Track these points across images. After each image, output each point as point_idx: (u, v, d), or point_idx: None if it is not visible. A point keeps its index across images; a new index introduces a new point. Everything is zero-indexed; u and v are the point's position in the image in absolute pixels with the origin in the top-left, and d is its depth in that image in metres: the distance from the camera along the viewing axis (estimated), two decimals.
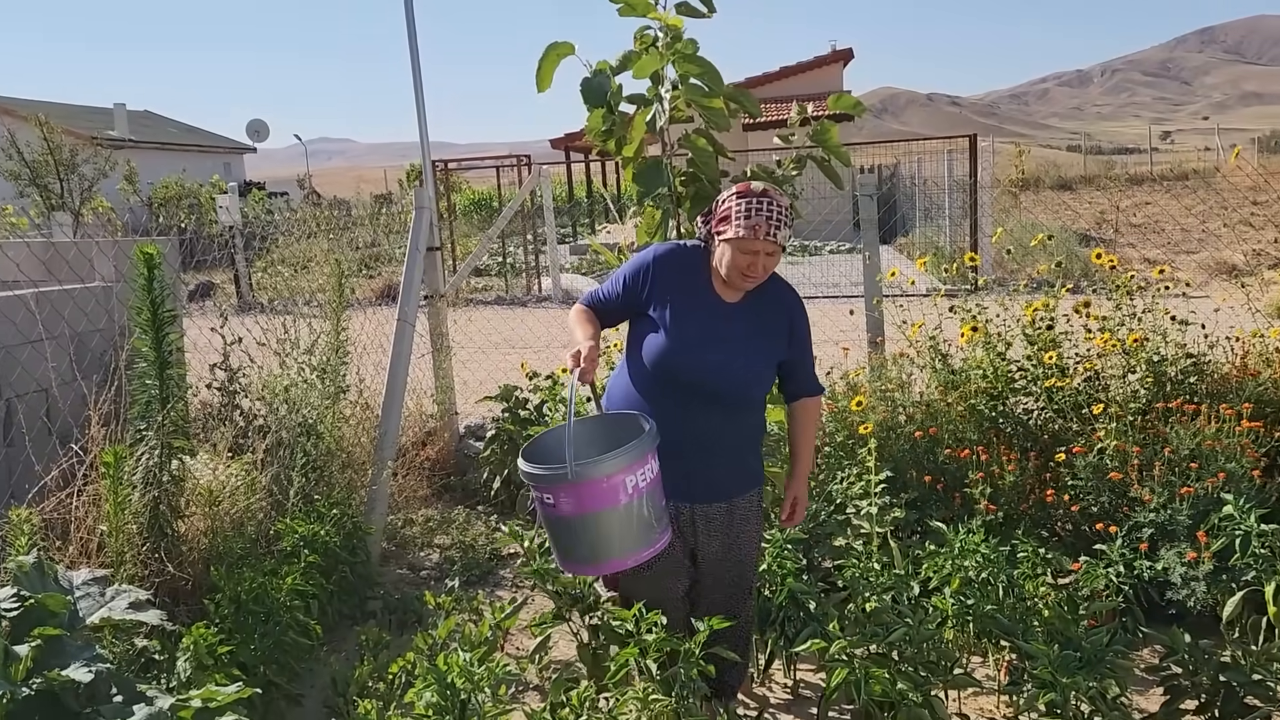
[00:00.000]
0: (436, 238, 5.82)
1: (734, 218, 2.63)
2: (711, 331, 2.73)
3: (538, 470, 2.54)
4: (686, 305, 2.74)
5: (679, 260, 2.79)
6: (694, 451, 2.80)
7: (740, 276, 2.68)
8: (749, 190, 2.68)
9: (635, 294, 2.78)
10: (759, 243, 2.62)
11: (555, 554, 2.73)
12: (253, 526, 3.88)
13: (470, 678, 2.80)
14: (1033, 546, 3.38)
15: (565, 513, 2.55)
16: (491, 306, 12.93)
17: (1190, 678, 2.59)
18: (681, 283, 2.76)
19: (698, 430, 2.78)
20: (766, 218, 2.61)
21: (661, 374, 2.73)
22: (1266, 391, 3.94)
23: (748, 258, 2.64)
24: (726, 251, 2.66)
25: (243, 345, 4.73)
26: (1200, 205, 18.18)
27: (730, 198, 2.68)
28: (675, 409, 2.74)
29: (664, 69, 3.31)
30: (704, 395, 2.74)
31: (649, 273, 2.77)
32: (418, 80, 5.67)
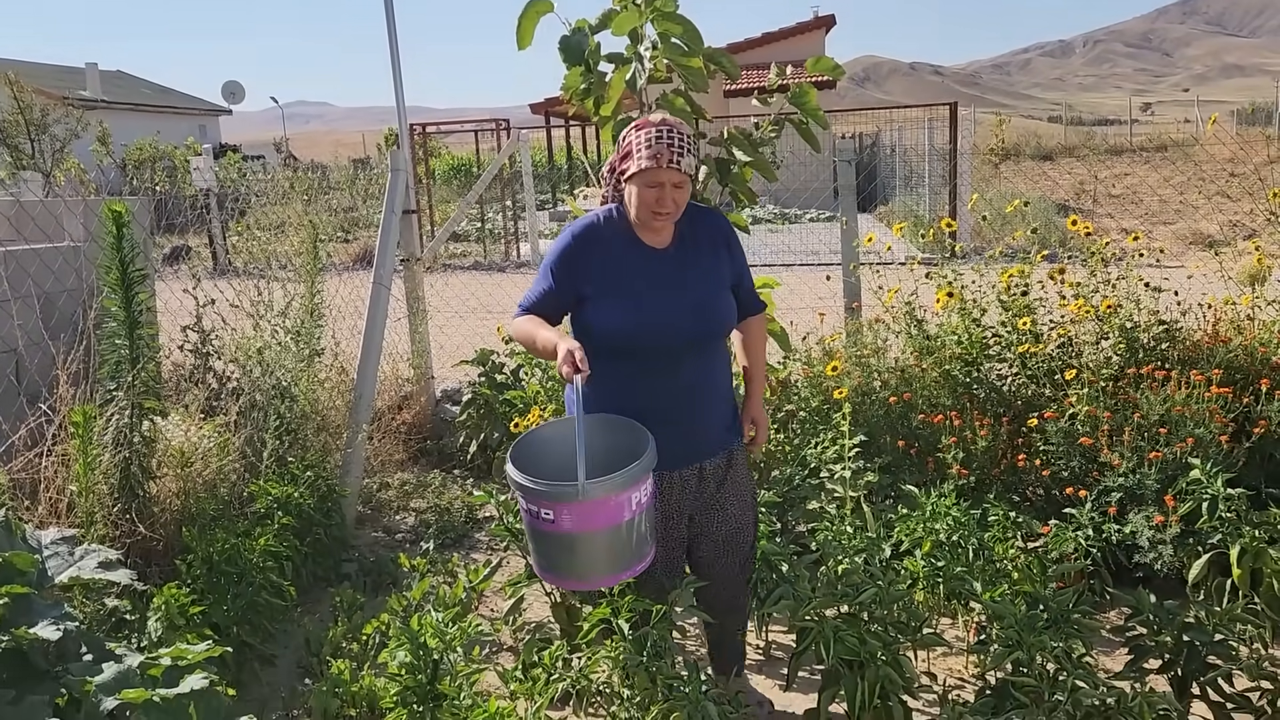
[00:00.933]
0: (413, 201, 5.77)
1: (635, 151, 2.51)
2: (660, 282, 2.61)
3: (538, 486, 2.36)
4: (624, 268, 2.61)
5: (598, 229, 2.64)
6: (685, 410, 2.69)
7: (651, 214, 2.54)
8: (647, 122, 2.55)
9: (569, 280, 2.61)
10: (663, 172, 2.48)
11: (538, 564, 2.55)
12: (225, 488, 3.87)
13: (443, 638, 2.82)
14: (1003, 510, 3.41)
15: (564, 529, 2.38)
16: (469, 272, 12.86)
17: (1154, 638, 2.62)
18: (610, 249, 2.62)
19: (684, 385, 2.66)
20: (668, 144, 2.48)
21: (630, 343, 2.59)
22: (1236, 358, 3.97)
23: (654, 191, 2.50)
24: (634, 190, 2.53)
25: (216, 307, 4.68)
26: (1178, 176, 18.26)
27: (628, 133, 2.56)
28: (656, 374, 2.62)
29: (643, 27, 3.28)
30: (679, 348, 2.63)
31: (572, 253, 2.61)
32: (393, 41, 5.59)
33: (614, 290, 2.58)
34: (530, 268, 14.02)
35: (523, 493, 2.41)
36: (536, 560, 2.55)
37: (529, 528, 2.48)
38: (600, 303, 2.58)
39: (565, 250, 2.62)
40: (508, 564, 4.16)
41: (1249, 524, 3.19)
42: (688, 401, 2.68)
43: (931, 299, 4.51)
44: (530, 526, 2.47)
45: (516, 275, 12.36)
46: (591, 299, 2.59)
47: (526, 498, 2.41)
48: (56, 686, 2.11)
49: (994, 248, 5.02)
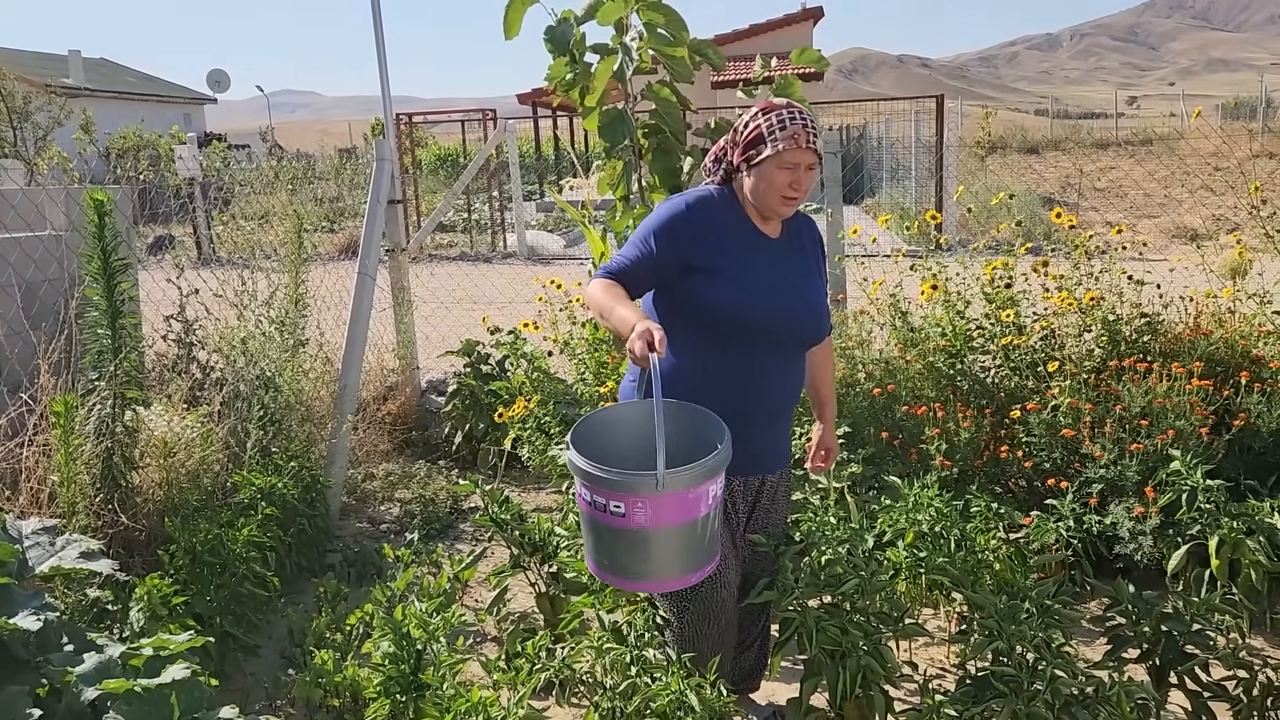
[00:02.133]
0: (398, 191, 5.75)
1: (768, 134, 2.39)
2: (779, 270, 2.49)
3: (610, 475, 2.15)
4: (739, 249, 2.45)
5: (714, 204, 2.49)
6: (768, 412, 2.56)
7: (782, 201, 2.44)
8: (773, 105, 2.44)
9: (677, 249, 2.43)
10: (801, 153, 2.38)
11: (597, 564, 2.34)
12: (209, 479, 3.85)
13: (426, 628, 2.82)
14: (986, 501, 3.43)
15: (636, 524, 2.18)
16: (455, 262, 12.82)
17: (1133, 628, 2.65)
18: (728, 225, 2.47)
19: (776, 386, 2.53)
20: (803, 125, 2.39)
21: (729, 330, 2.43)
22: (1217, 351, 4.00)
23: (789, 174, 2.40)
24: (765, 174, 2.41)
25: (199, 297, 4.66)
26: (1163, 170, 18.34)
27: (755, 117, 2.44)
28: (753, 366, 2.47)
29: (628, 17, 3.28)
30: (787, 343, 2.51)
31: (685, 221, 2.44)
32: (378, 30, 5.57)
33: (732, 267, 2.43)
34: (516, 259, 14.00)
35: (588, 481, 2.20)
36: (596, 560, 2.33)
37: (590, 522, 2.28)
38: (717, 278, 2.42)
39: (676, 217, 2.45)
40: (492, 554, 4.16)
41: (1228, 515, 3.22)
42: (772, 404, 2.56)
43: (916, 291, 4.53)
44: (592, 520, 2.26)
45: (503, 266, 12.35)
46: (704, 272, 2.42)
47: (593, 488, 2.20)
48: (37, 677, 2.10)
49: (979, 240, 5.04)
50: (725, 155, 2.53)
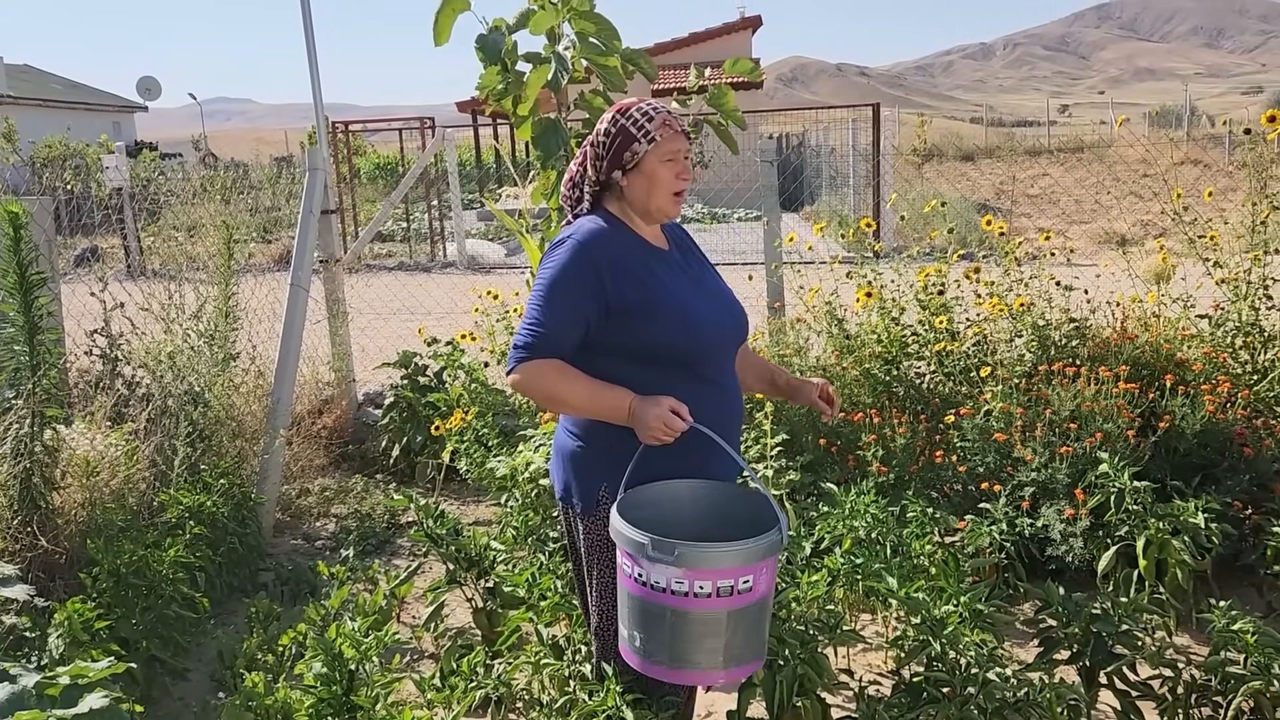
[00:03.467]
0: (332, 201, 5.67)
1: (636, 130, 2.22)
2: (687, 285, 2.32)
3: (747, 547, 1.93)
4: (650, 274, 2.25)
5: (608, 234, 2.25)
6: (732, 419, 2.40)
7: (673, 198, 2.26)
8: (625, 105, 2.29)
9: (593, 300, 2.19)
10: (679, 139, 2.24)
11: (702, 666, 2.02)
12: (134, 498, 3.75)
13: (359, 647, 2.76)
14: (921, 506, 3.46)
15: (760, 593, 1.99)
16: (394, 273, 12.68)
17: (1063, 629, 2.69)
18: (628, 255, 2.25)
19: (730, 398, 2.38)
20: (669, 113, 2.26)
21: (670, 360, 2.24)
22: (1143, 354, 4.09)
23: (674, 164, 2.24)
24: (649, 172, 2.23)
25: (125, 311, 4.54)
26: (1093, 178, 18.79)
27: (614, 123, 2.25)
28: (704, 383, 2.29)
29: (560, 26, 3.26)
30: (715, 357, 2.34)
31: (591, 265, 2.19)
32: (309, 37, 5.48)
33: (653, 295, 2.22)
34: (456, 268, 13.88)
35: (710, 566, 1.92)
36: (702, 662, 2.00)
37: (695, 621, 1.96)
38: (643, 312, 2.20)
39: (578, 260, 2.19)
40: (430, 569, 4.10)
41: (1154, 516, 3.28)
42: (733, 410, 2.40)
43: (853, 298, 4.57)
44: (703, 616, 1.95)
45: (442, 276, 12.24)
46: (627, 310, 2.20)
47: (717, 572, 1.93)
48: None
49: (914, 247, 5.10)
50: (585, 177, 2.33)
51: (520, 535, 3.75)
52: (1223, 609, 2.61)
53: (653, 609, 1.98)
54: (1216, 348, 4.07)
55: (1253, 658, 2.50)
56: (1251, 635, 2.49)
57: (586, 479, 2.30)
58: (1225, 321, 4.16)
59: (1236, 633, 2.52)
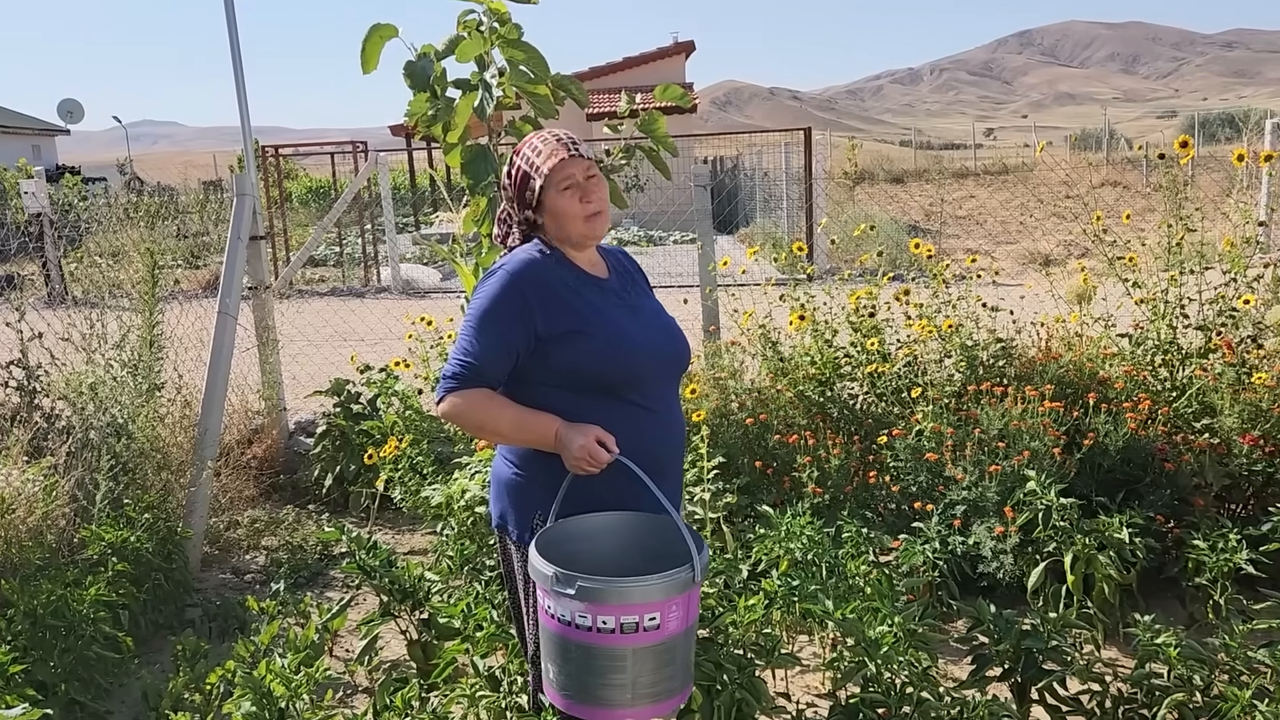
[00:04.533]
0: (261, 226, 5.57)
1: (533, 165, 2.25)
2: (624, 312, 2.31)
3: (649, 583, 1.92)
4: (588, 298, 2.26)
5: (540, 263, 2.26)
6: (674, 456, 2.39)
7: (585, 222, 2.26)
8: (525, 139, 2.34)
9: (524, 325, 2.19)
10: (571, 163, 2.23)
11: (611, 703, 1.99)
12: (53, 535, 3.63)
13: (289, 684, 2.70)
14: (856, 527, 3.49)
15: (671, 631, 1.97)
16: (326, 298, 12.50)
17: (995, 646, 2.72)
18: (564, 282, 2.26)
19: (670, 426, 2.35)
20: (558, 139, 2.27)
21: (605, 388, 2.23)
22: (1067, 373, 4.19)
23: (573, 191, 2.24)
24: (552, 205, 2.25)
25: (43, 341, 4.41)
26: (1017, 199, 19.28)
27: (511, 162, 2.32)
28: (647, 413, 2.28)
29: (489, 53, 3.26)
30: (667, 377, 2.36)
31: (520, 293, 2.20)
32: (236, 60, 5.40)
33: (587, 324, 2.22)
34: (391, 293, 13.73)
35: (611, 602, 1.91)
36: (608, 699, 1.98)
37: (599, 655, 1.94)
38: (575, 340, 2.20)
39: (508, 291, 2.20)
40: (364, 601, 4.03)
41: (1081, 532, 3.36)
42: (673, 438, 2.38)
43: (786, 320, 4.62)
44: (606, 650, 1.94)
45: (375, 301, 12.11)
46: (559, 339, 2.20)
47: (620, 608, 1.91)
48: None
49: (845, 269, 5.18)
50: (510, 216, 2.37)
51: (456, 565, 3.70)
52: (1146, 623, 2.67)
53: (560, 642, 1.99)
54: (1137, 366, 4.19)
55: (1176, 670, 2.56)
56: (1174, 649, 2.56)
57: (522, 507, 2.29)
58: (1145, 340, 4.28)
59: (1160, 646, 2.58)
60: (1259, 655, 2.55)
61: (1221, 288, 4.22)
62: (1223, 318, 4.18)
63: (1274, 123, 9.78)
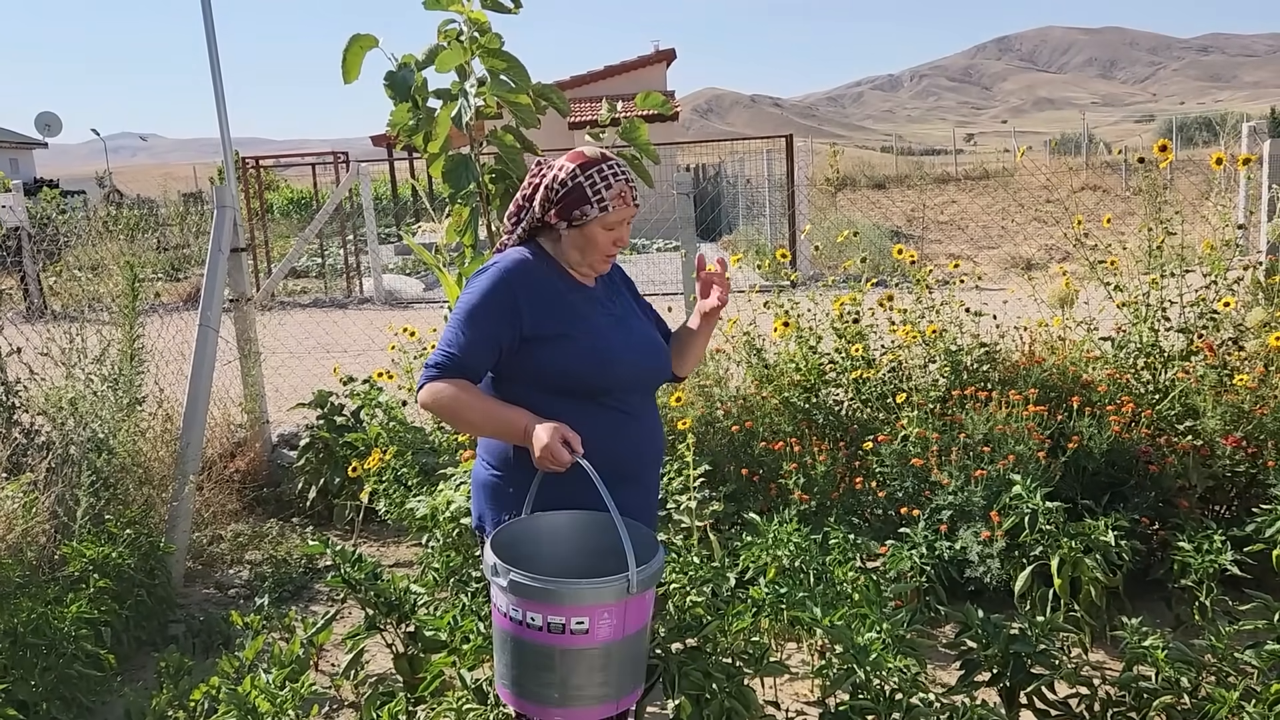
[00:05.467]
0: (242, 238, 5.54)
1: (592, 194, 2.24)
2: (608, 322, 2.35)
3: (573, 587, 1.93)
4: (570, 308, 2.30)
5: (532, 266, 2.30)
6: (649, 462, 2.44)
7: (604, 260, 2.33)
8: (590, 159, 2.28)
9: (509, 323, 2.23)
10: (627, 209, 2.27)
11: (541, 698, 2.03)
12: (33, 552, 3.58)
13: (274, 700, 2.68)
14: (843, 533, 3.49)
15: (602, 639, 1.96)
16: (309, 310, 12.44)
17: (983, 651, 2.72)
18: (549, 288, 2.29)
19: (647, 433, 2.40)
20: (626, 181, 2.27)
21: (585, 393, 2.27)
22: (1050, 377, 4.20)
23: (613, 233, 2.28)
24: (589, 234, 2.27)
25: (22, 356, 4.36)
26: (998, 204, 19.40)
27: (573, 175, 2.26)
28: (608, 429, 2.29)
29: (470, 63, 3.25)
30: (632, 395, 2.35)
31: (510, 291, 2.24)
32: (216, 71, 5.37)
33: (570, 329, 2.26)
34: (373, 304, 13.68)
35: (536, 599, 1.94)
36: (537, 694, 2.01)
37: (532, 649, 1.97)
38: (559, 343, 2.25)
39: (498, 289, 2.24)
40: (349, 614, 4.00)
41: (1067, 535, 3.36)
42: (644, 457, 2.41)
43: (771, 327, 4.62)
44: (535, 647, 1.97)
45: (358, 312, 12.06)
46: (543, 340, 2.25)
47: (545, 606, 1.93)
48: None
49: (829, 276, 5.19)
50: (527, 211, 2.36)
51: (442, 577, 3.68)
52: (1134, 626, 2.68)
53: (499, 633, 2.06)
54: (1120, 369, 4.21)
55: (1164, 672, 2.57)
56: (1162, 651, 2.56)
57: (498, 508, 2.34)
58: (1127, 343, 4.30)
59: (1148, 649, 2.58)
60: (1245, 656, 2.56)
61: (1202, 290, 4.24)
62: (1204, 320, 4.20)
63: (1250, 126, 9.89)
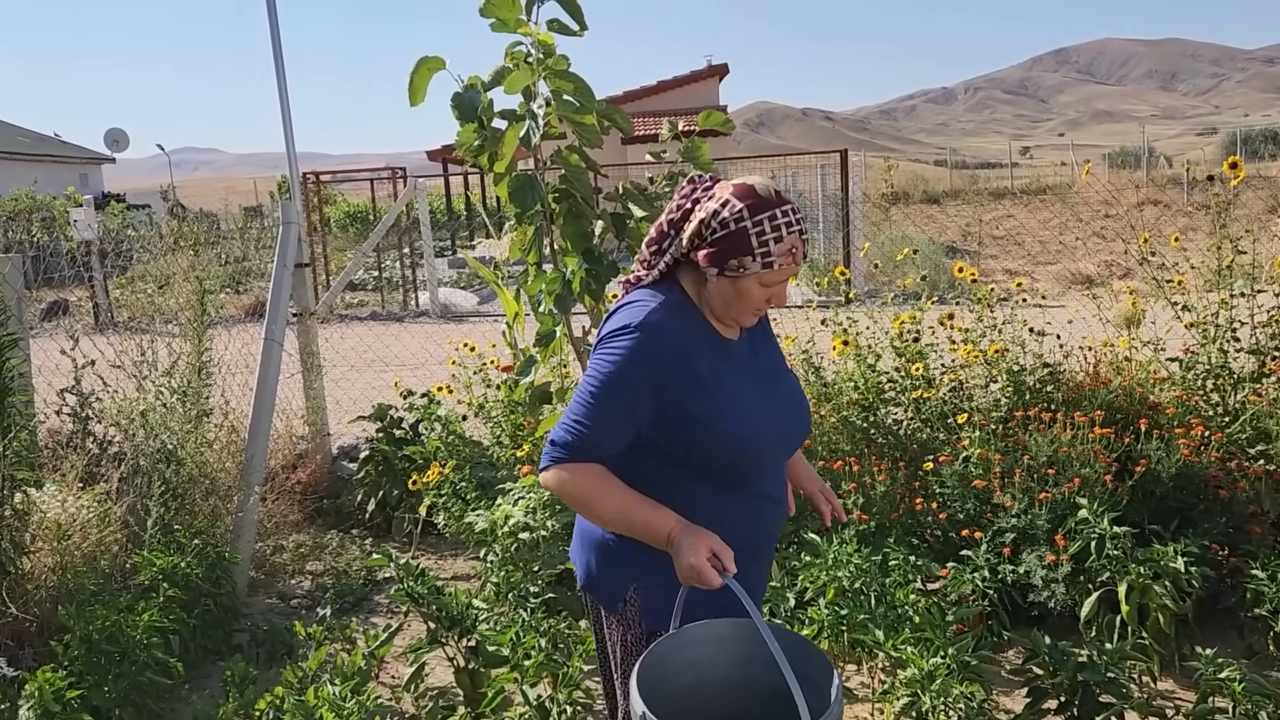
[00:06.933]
0: (305, 254, 5.65)
1: (756, 243, 1.88)
2: (755, 385, 2.05)
3: None
4: (715, 372, 1.97)
5: (676, 324, 1.95)
6: (773, 538, 2.21)
7: (753, 315, 2.01)
8: (762, 199, 1.90)
9: (650, 407, 1.93)
10: (794, 268, 1.94)
11: None
12: (107, 561, 3.68)
13: (339, 712, 2.71)
14: (903, 555, 3.46)
15: None
16: (367, 322, 12.62)
17: (1050, 679, 2.68)
18: (694, 348, 1.96)
19: (778, 508, 2.15)
20: (799, 233, 1.92)
21: (724, 468, 1.99)
22: (1116, 399, 4.13)
23: (771, 290, 1.95)
24: (744, 288, 1.93)
25: (95, 368, 4.49)
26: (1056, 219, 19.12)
27: (738, 217, 1.89)
28: (761, 500, 2.06)
29: (536, 84, 3.29)
30: (772, 465, 2.09)
31: (659, 371, 1.91)
32: (283, 92, 5.49)
33: (717, 398, 1.95)
34: (429, 317, 13.84)
35: None
36: None
37: None
38: (702, 425, 1.94)
39: (643, 359, 1.90)
40: (409, 627, 4.04)
41: (1134, 561, 3.30)
42: (773, 529, 2.17)
43: (828, 344, 4.60)
44: None
45: (414, 325, 12.19)
46: (687, 420, 1.94)
47: None
48: None
49: (886, 292, 5.15)
50: (672, 241, 2.01)
51: (501, 591, 3.71)
52: (1208, 656, 2.62)
53: None
54: (1188, 390, 4.12)
55: (1240, 705, 2.51)
56: (1239, 683, 2.50)
57: (612, 574, 2.06)
58: (1195, 364, 4.21)
59: (1224, 680, 2.52)
60: None
61: (1274, 310, 4.14)
62: (1276, 341, 4.10)
63: None
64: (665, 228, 2.02)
